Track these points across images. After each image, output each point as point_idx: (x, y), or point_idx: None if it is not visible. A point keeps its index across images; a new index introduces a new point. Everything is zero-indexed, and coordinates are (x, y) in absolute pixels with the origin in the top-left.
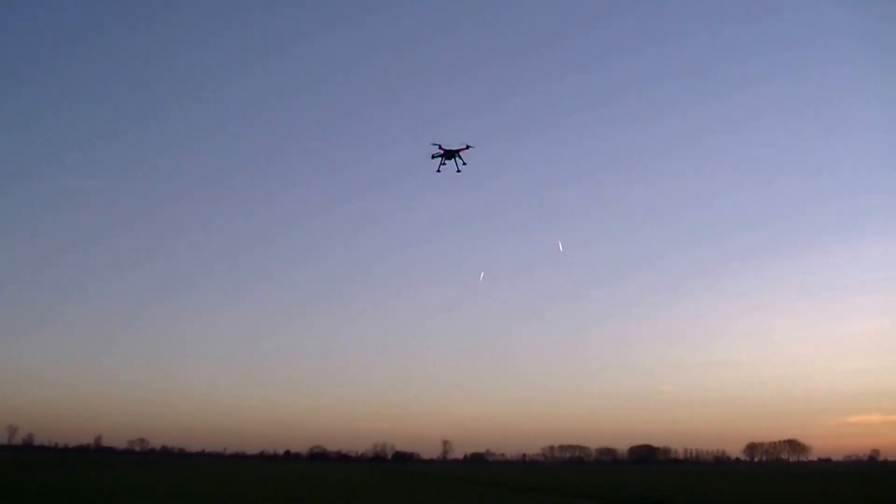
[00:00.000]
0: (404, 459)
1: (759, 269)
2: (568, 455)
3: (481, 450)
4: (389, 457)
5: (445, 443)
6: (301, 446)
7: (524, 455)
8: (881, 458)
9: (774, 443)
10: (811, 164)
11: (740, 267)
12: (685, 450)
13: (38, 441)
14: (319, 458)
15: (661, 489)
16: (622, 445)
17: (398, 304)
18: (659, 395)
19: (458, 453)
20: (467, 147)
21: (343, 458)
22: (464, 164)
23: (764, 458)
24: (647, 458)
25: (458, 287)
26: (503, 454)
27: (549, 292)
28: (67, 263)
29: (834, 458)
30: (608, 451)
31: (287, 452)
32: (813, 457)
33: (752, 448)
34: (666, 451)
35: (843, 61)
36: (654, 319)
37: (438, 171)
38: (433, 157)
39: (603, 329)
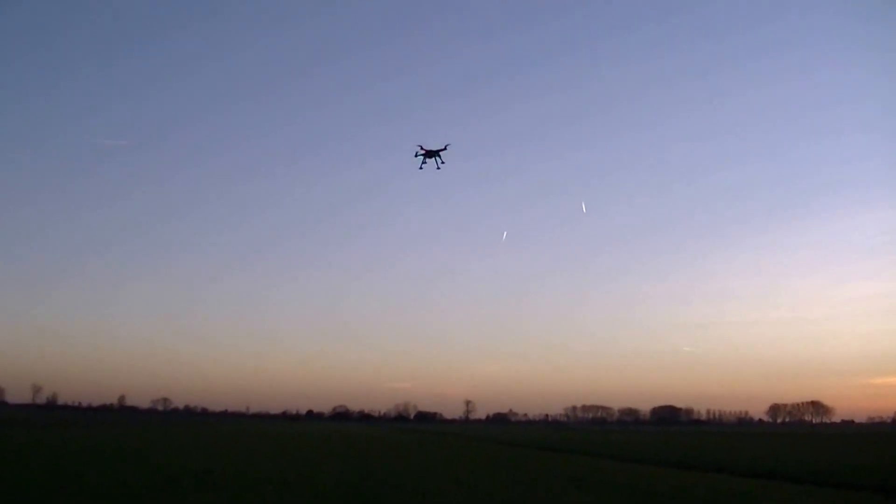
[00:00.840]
0: (427, 419)
1: (781, 227)
2: (591, 416)
3: (504, 410)
4: (412, 416)
5: (468, 403)
6: (324, 406)
7: (547, 415)
8: None
9: (797, 404)
10: (837, 123)
11: (761, 225)
12: (708, 411)
13: (61, 400)
14: (342, 418)
15: (684, 449)
16: (644, 406)
17: (418, 263)
18: (680, 355)
19: (480, 413)
20: (445, 147)
21: (365, 418)
22: (443, 162)
23: (787, 420)
24: (669, 419)
25: (480, 246)
26: (525, 415)
27: (572, 251)
28: (87, 222)
29: (857, 420)
30: (630, 412)
31: (309, 412)
32: (836, 418)
33: (774, 409)
34: (688, 412)
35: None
36: (674, 278)
37: (421, 168)
38: (416, 155)
39: (624, 289)
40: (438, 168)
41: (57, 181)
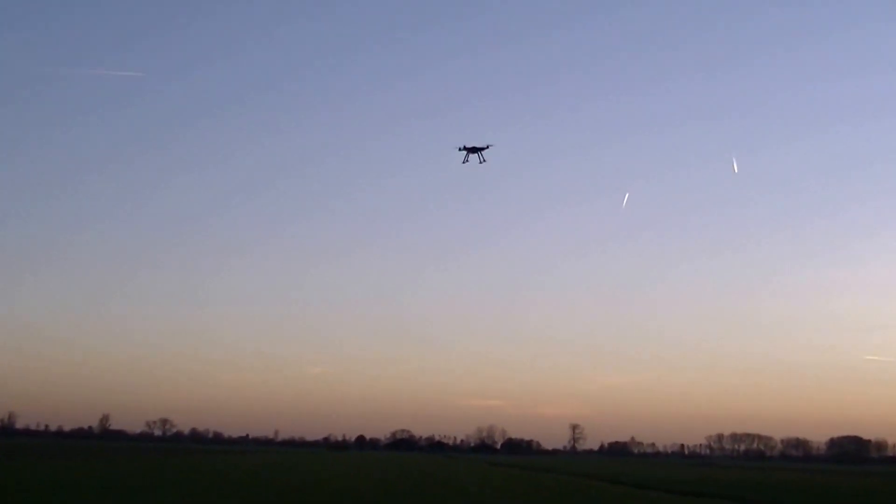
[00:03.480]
0: (519, 449)
1: None
2: (743, 447)
3: (624, 438)
4: (499, 445)
5: (575, 428)
6: (380, 430)
7: (682, 446)
8: None
9: None
10: None
11: None
12: None
13: (22, 423)
14: (404, 447)
15: (882, 499)
16: (818, 437)
17: (511, 247)
18: (867, 365)
19: (591, 442)
20: (488, 146)
21: (436, 447)
22: (484, 160)
23: None
24: (853, 455)
25: (593, 225)
26: (653, 444)
27: (714, 233)
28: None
29: None
30: (799, 444)
31: (361, 438)
32: None
33: None
34: (880, 445)
35: None
36: (864, 264)
37: (464, 162)
38: (459, 150)
39: (787, 277)
40: (481, 163)
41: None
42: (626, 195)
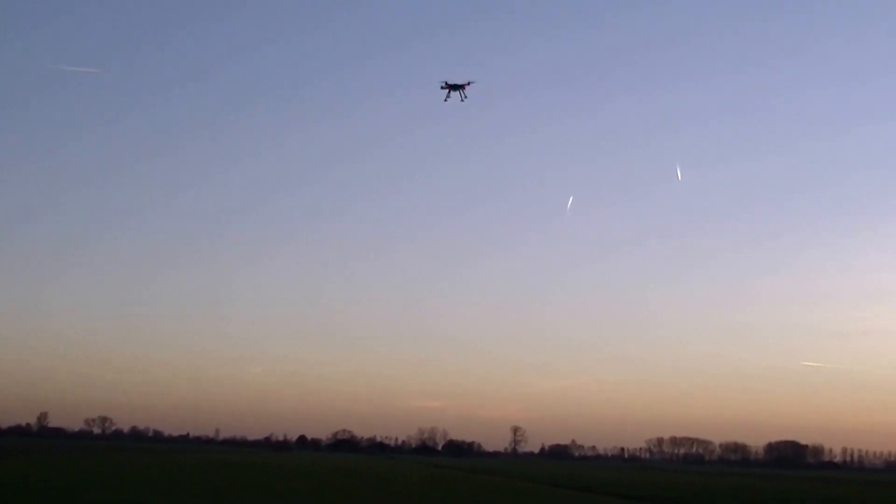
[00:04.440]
0: (461, 451)
1: None
2: (683, 451)
3: (565, 441)
4: (440, 447)
5: (516, 430)
6: (321, 431)
7: (623, 449)
8: None
9: None
10: None
11: None
12: (844, 450)
13: None
14: (346, 447)
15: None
16: (756, 441)
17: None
18: (805, 371)
19: (532, 444)
20: (469, 83)
21: (378, 448)
22: (466, 97)
23: None
24: (790, 460)
25: (534, 225)
26: (594, 447)
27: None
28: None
29: None
30: (737, 448)
31: (302, 438)
32: None
33: None
34: (817, 450)
35: None
36: (800, 274)
37: (445, 100)
38: (441, 87)
39: (730, 285)
40: (462, 101)
41: None
42: (571, 199)
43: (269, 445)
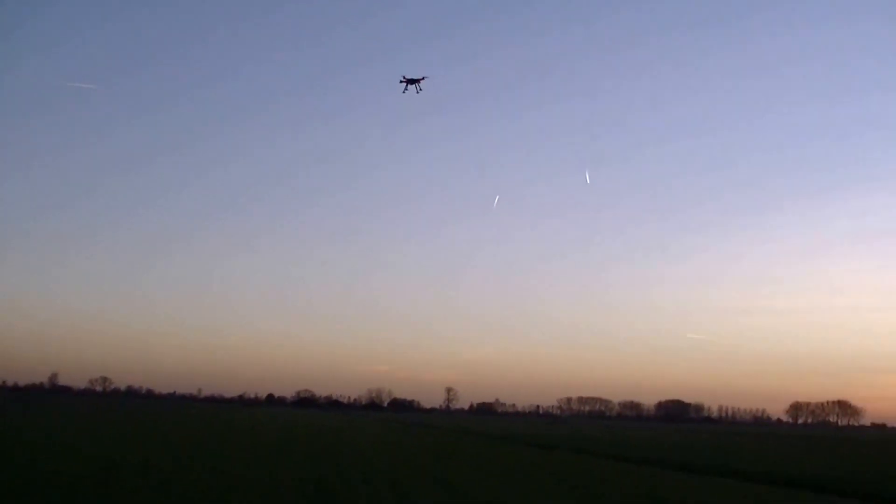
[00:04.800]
0: (403, 407)
1: (809, 209)
2: (587, 409)
3: (489, 399)
4: (386, 404)
5: (449, 390)
6: (286, 390)
7: (538, 407)
8: None
9: (821, 403)
10: (872, 107)
11: (788, 207)
12: (720, 407)
13: None
14: (307, 404)
15: (692, 450)
16: (649, 400)
17: (395, 232)
18: (690, 344)
19: (463, 402)
20: (424, 77)
21: (333, 405)
22: (421, 89)
23: (809, 421)
24: (676, 416)
25: (469, 214)
26: (514, 405)
27: (574, 230)
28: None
29: (890, 424)
30: (633, 406)
31: (270, 396)
32: (865, 421)
33: (796, 408)
34: (698, 408)
35: None
36: (686, 261)
37: (403, 92)
38: (400, 81)
39: (631, 270)
40: (418, 93)
41: None
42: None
43: (242, 402)
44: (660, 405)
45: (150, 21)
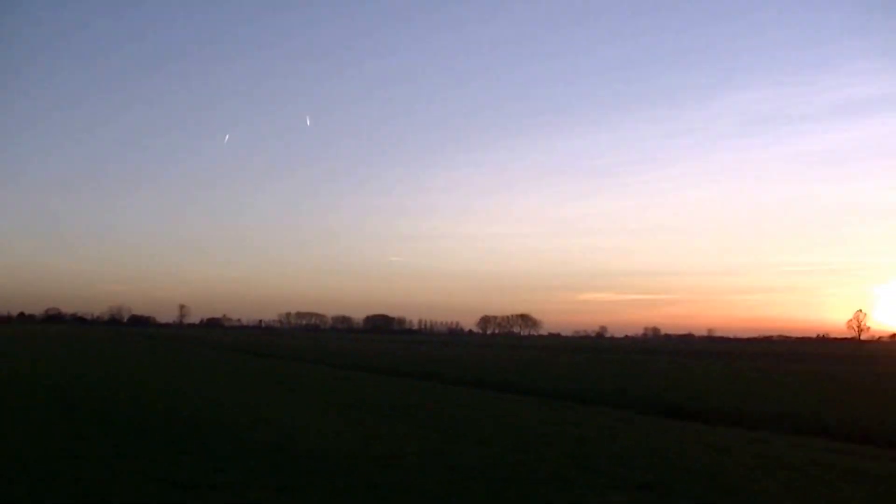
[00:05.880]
0: (141, 322)
1: (505, 145)
2: (304, 322)
3: (218, 315)
4: (125, 320)
5: (182, 307)
6: (35, 308)
7: (261, 321)
8: (608, 334)
9: (507, 317)
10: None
11: (478, 143)
12: (420, 321)
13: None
14: (55, 320)
15: (396, 357)
16: (358, 314)
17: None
18: (389, 265)
19: (194, 318)
20: None
21: (79, 321)
22: None
23: (497, 331)
24: (382, 328)
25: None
26: (239, 320)
27: (288, 159)
28: None
29: (563, 334)
30: (344, 320)
31: (21, 314)
32: (543, 331)
33: (485, 321)
34: (401, 321)
35: None
36: (387, 192)
37: None
38: None
39: (341, 200)
40: None
41: None
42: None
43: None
44: (368, 319)
45: None
